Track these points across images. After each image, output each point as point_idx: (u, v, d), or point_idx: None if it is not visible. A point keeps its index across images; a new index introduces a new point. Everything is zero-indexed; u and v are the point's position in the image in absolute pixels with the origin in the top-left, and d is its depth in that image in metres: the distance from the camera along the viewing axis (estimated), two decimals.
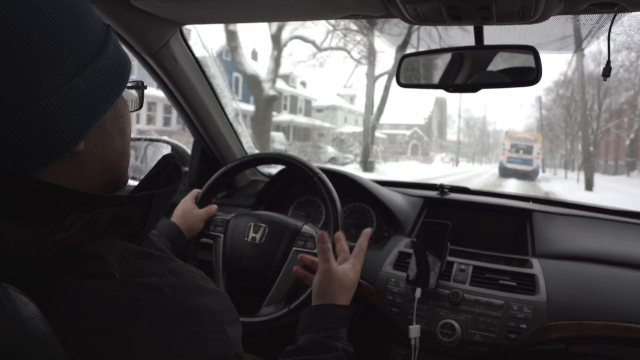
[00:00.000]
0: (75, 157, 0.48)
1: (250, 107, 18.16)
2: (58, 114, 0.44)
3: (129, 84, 0.54)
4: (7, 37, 0.41)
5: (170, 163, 0.59)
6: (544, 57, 0.99)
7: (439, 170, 27.29)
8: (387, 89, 19.20)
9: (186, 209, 1.19)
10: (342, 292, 0.90)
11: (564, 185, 19.08)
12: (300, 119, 32.77)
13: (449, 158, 50.67)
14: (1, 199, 0.43)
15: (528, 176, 22.95)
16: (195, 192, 1.25)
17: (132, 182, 0.74)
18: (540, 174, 25.92)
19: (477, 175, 26.02)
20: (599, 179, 20.27)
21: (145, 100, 0.68)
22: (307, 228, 1.15)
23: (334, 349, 0.77)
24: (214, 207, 1.24)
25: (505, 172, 23.83)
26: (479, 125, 72.72)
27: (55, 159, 0.46)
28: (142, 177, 0.60)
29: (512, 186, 17.97)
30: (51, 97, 0.43)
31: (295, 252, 1.12)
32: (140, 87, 0.66)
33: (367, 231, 1.03)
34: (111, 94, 0.49)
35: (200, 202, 1.23)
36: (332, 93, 40.33)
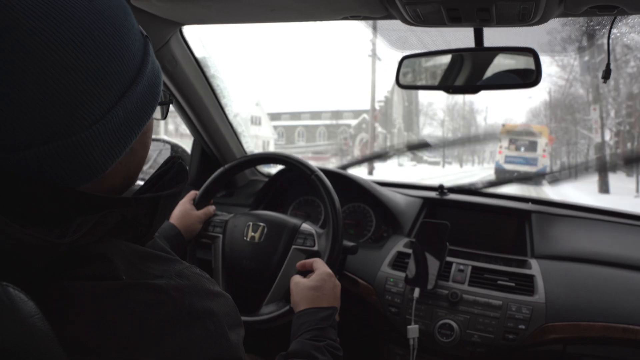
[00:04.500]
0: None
1: None
2: (95, 145, 0.43)
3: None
4: (59, 63, 0.39)
5: (176, 164, 0.58)
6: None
7: None
8: None
9: (184, 210, 1.19)
10: (319, 295, 0.93)
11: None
12: None
13: (412, 160, 34.85)
14: (7, 200, 0.42)
15: (532, 180, 16.87)
16: (193, 193, 1.25)
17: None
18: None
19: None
20: None
21: None
22: (306, 226, 1.15)
23: (319, 351, 0.79)
24: (212, 208, 1.25)
25: (502, 175, 18.07)
26: (465, 113, 50.89)
27: (83, 184, 0.46)
28: (145, 177, 0.59)
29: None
30: (92, 130, 0.42)
31: (294, 250, 1.12)
32: (168, 102, 0.63)
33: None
34: (144, 117, 0.48)
35: (198, 203, 1.23)
36: None
